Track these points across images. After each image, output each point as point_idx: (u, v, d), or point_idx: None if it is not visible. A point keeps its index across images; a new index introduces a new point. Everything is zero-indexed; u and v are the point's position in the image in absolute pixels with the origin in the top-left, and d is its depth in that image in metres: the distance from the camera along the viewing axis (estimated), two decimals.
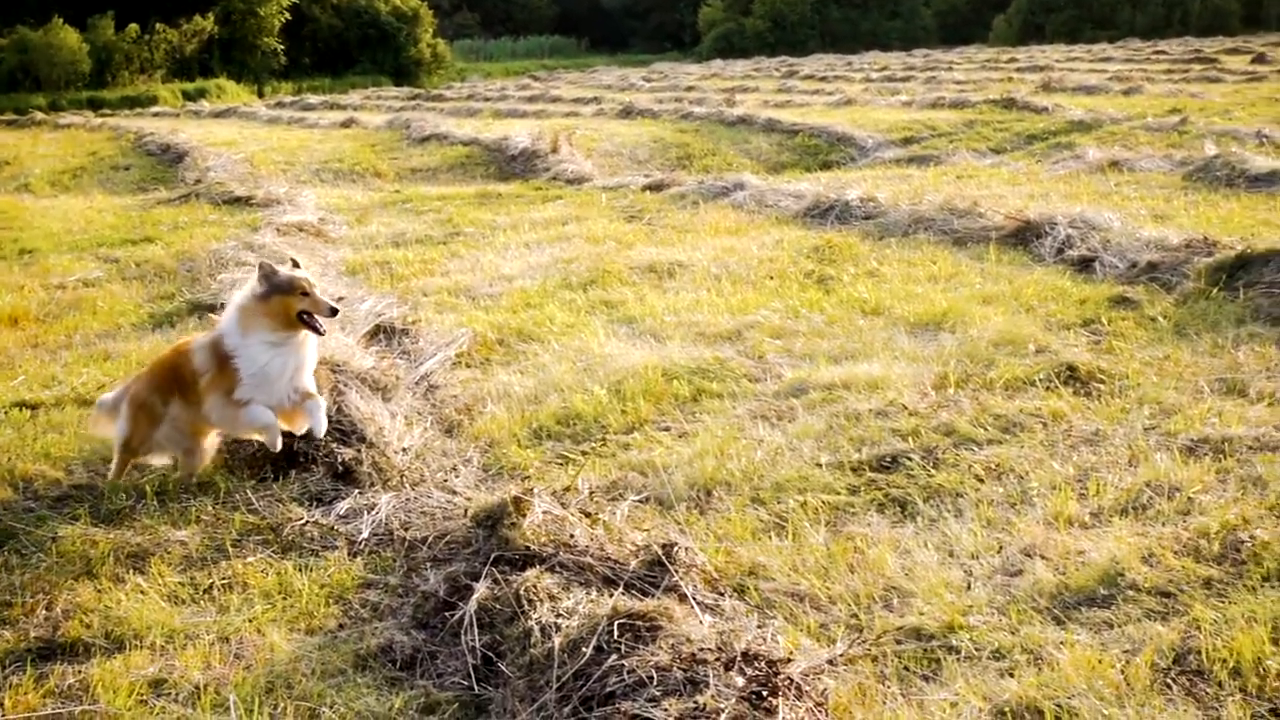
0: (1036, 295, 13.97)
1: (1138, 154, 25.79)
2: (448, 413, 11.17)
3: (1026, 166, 26.43)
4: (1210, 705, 6.09)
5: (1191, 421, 9.83)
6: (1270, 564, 7.38)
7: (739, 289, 15.18)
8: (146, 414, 9.36)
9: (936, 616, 7.07)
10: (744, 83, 59.28)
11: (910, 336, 12.65)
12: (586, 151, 32.32)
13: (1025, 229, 17.21)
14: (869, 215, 19.75)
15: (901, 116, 37.42)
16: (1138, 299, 13.50)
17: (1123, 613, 7.04)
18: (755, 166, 30.55)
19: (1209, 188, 21.31)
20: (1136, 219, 17.54)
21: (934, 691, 6.35)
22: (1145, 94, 40.23)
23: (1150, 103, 36.94)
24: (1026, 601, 7.22)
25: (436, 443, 10.36)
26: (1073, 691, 6.18)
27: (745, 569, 7.79)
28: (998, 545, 7.97)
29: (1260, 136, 27.14)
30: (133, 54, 78.53)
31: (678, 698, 5.71)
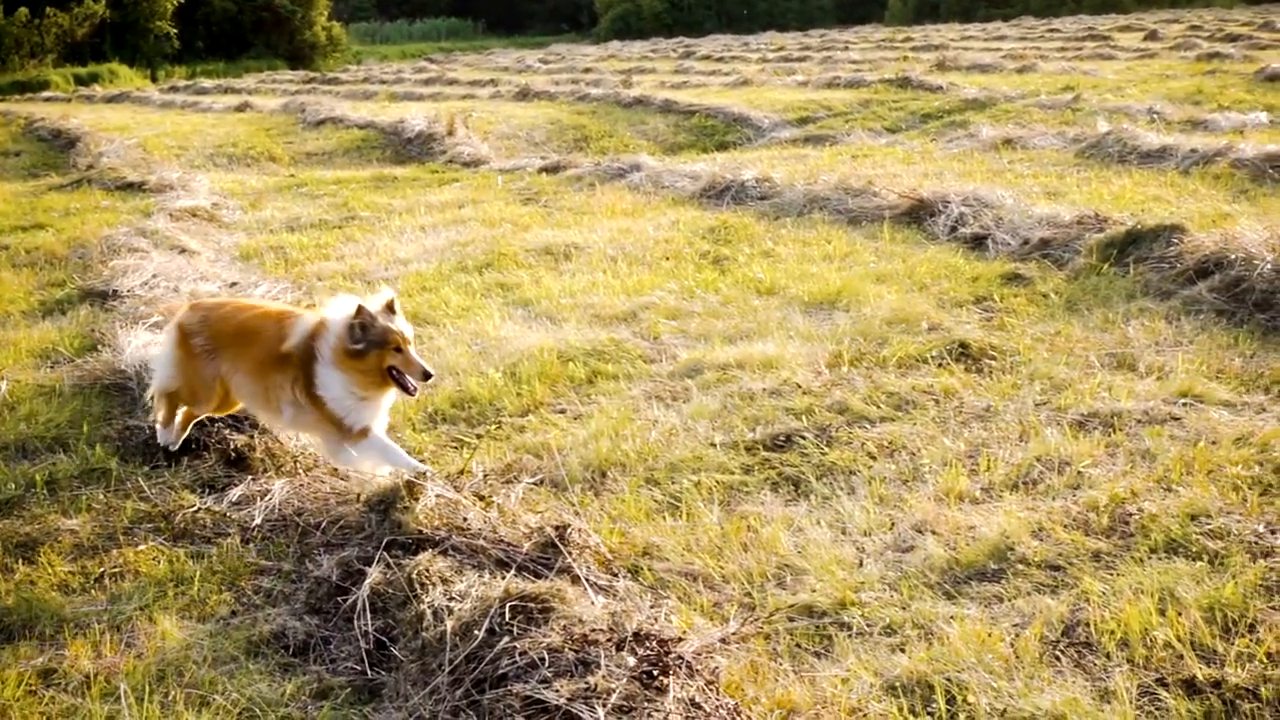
0: (930, 273, 14.07)
1: (1031, 131, 25.98)
2: None
3: (921, 145, 26.56)
4: (1098, 676, 6.16)
5: (1082, 396, 9.94)
6: (1158, 536, 7.47)
7: (635, 270, 15.19)
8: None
9: (829, 593, 7.11)
10: (641, 64, 59.29)
11: (805, 316, 12.71)
12: (483, 134, 32.23)
13: (919, 207, 17.32)
14: (765, 195, 19.81)
15: (798, 96, 37.50)
16: (1030, 276, 13.63)
17: (1013, 586, 7.12)
18: (652, 148, 30.57)
19: (1101, 164, 21.50)
20: (1029, 196, 17.69)
21: (826, 668, 6.40)
22: (1039, 72, 40.51)
23: (1044, 80, 37.18)
24: (918, 577, 7.28)
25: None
26: (963, 665, 6.24)
27: (639, 549, 7.81)
28: (890, 522, 8.03)
29: (1152, 113, 27.42)
30: (23, 38, 77.33)
31: (569, 678, 5.72)
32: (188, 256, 16.63)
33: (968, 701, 5.96)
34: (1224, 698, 5.87)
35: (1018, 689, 6.02)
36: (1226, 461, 8.45)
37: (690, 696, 5.65)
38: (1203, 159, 20.20)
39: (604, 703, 5.51)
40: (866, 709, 5.98)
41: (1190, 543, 7.40)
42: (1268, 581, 6.92)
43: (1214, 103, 29.22)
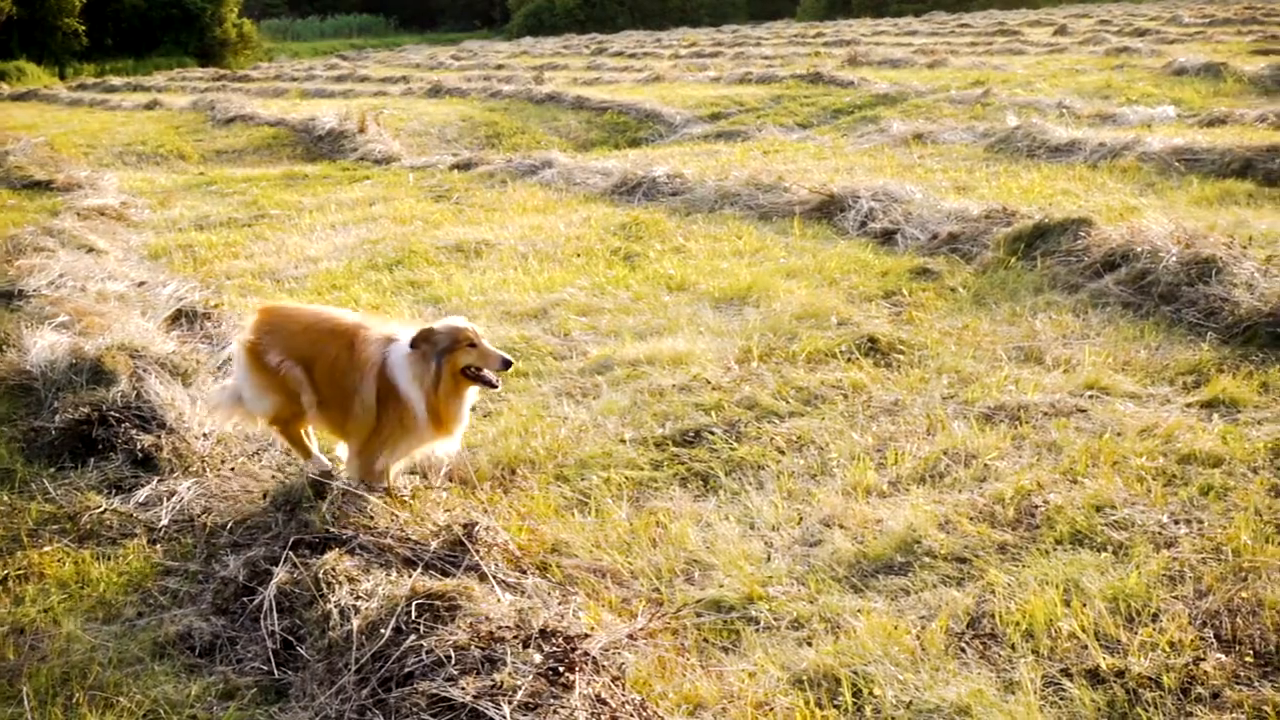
0: (839, 268, 14.12)
1: (942, 126, 26.13)
2: None
3: (832, 141, 26.66)
4: (1003, 667, 6.21)
5: (989, 389, 10.01)
6: (1063, 527, 7.54)
7: (546, 267, 15.17)
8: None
9: (737, 588, 7.14)
10: (554, 60, 59.19)
11: (715, 311, 12.74)
12: (394, 131, 32.09)
13: (829, 203, 17.39)
14: (676, 192, 19.85)
15: (710, 92, 37.53)
16: (938, 270, 13.70)
17: (919, 579, 7.16)
18: (564, 144, 30.56)
19: (1010, 158, 21.66)
20: (939, 191, 17.79)
21: (733, 662, 6.42)
22: (950, 67, 40.67)
23: (954, 75, 37.33)
24: (825, 571, 7.31)
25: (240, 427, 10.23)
26: (869, 658, 6.27)
27: (549, 546, 7.81)
28: (798, 516, 8.06)
29: (1061, 107, 27.59)
30: None
31: (475, 676, 5.72)
32: (95, 255, 16.49)
33: (874, 694, 5.99)
34: (1127, 687, 5.93)
35: (923, 681, 6.05)
36: (1131, 453, 8.53)
37: (596, 692, 5.65)
38: (1111, 153, 20.38)
39: (510, 700, 5.51)
40: (773, 703, 6.00)
41: (1095, 534, 7.47)
42: (1171, 571, 6.99)
43: (1122, 97, 29.45)
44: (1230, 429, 8.92)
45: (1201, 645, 6.24)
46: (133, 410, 9.69)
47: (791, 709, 5.93)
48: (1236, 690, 5.86)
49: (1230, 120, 24.16)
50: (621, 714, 5.59)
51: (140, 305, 13.42)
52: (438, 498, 8.43)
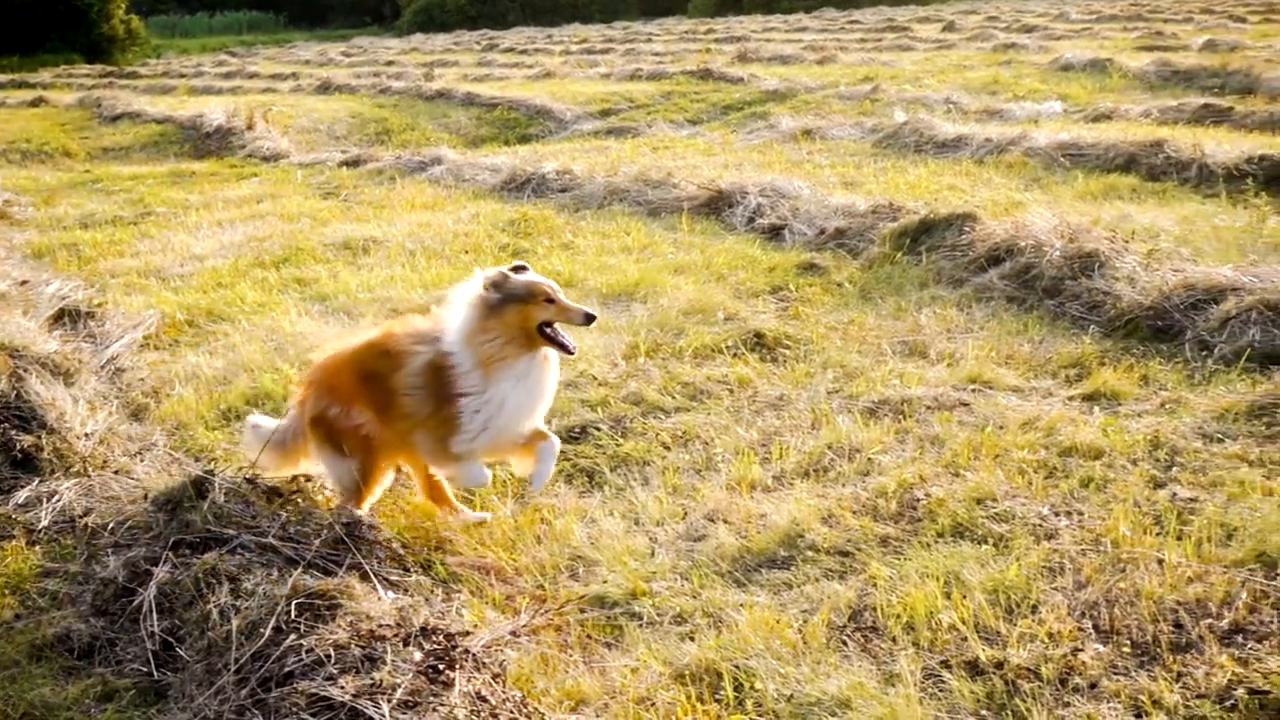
0: (727, 264, 14.15)
1: (830, 122, 26.26)
2: (134, 396, 10.94)
3: (722, 137, 26.68)
4: (884, 660, 6.24)
5: (873, 384, 10.06)
6: (945, 520, 7.59)
7: (434, 264, 15.13)
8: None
9: (620, 584, 7.14)
10: (444, 57, 58.91)
11: (603, 307, 12.71)
12: (283, 128, 31.89)
13: (718, 199, 17.43)
14: (565, 188, 19.86)
15: (600, 89, 37.55)
16: (825, 265, 13.76)
17: (802, 573, 7.18)
18: (454, 141, 30.48)
19: (898, 154, 21.82)
20: (826, 186, 17.87)
21: (616, 658, 6.41)
22: (839, 63, 40.84)
23: (844, 71, 37.50)
24: (709, 566, 7.32)
25: (122, 427, 10.12)
26: (751, 652, 6.28)
27: (433, 544, 7.78)
28: (682, 511, 8.08)
29: (949, 103, 27.81)
30: None
31: (355, 675, 5.68)
32: None
33: (755, 688, 6.00)
34: (1006, 678, 5.97)
35: (804, 675, 6.07)
36: (1013, 446, 8.60)
37: (476, 690, 5.63)
38: (997, 148, 20.54)
39: (389, 698, 5.48)
40: (655, 698, 6.00)
41: (976, 526, 7.52)
42: (1050, 563, 7.05)
43: (1010, 93, 29.68)
44: (1111, 421, 9.01)
45: (1080, 636, 6.29)
46: (12, 410, 9.54)
47: (673, 704, 5.93)
48: (1114, 680, 5.90)
49: (1116, 116, 24.41)
50: (502, 711, 5.57)
51: (22, 304, 13.25)
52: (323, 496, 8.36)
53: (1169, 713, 5.61)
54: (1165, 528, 7.33)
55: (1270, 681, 5.74)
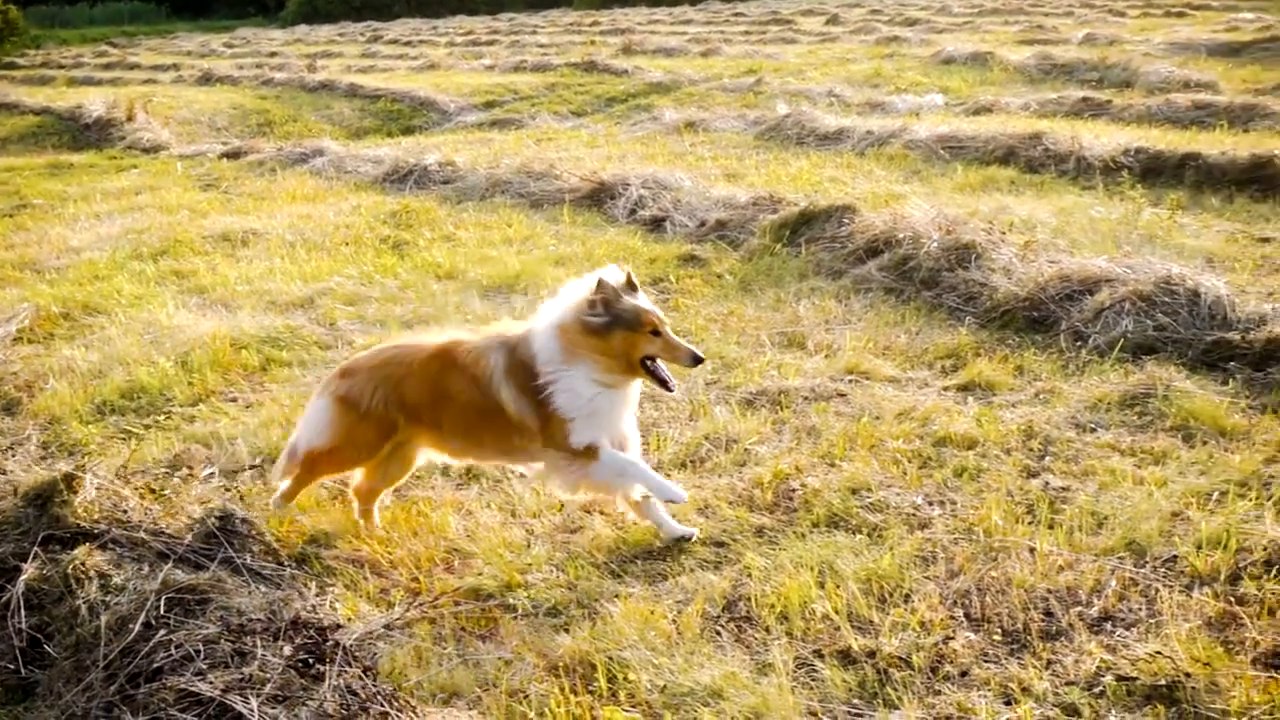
0: (608, 255, 14.13)
1: (714, 114, 26.31)
2: (6, 390, 10.79)
3: (605, 129, 26.71)
4: (758, 650, 6.25)
5: (751, 375, 10.10)
6: (820, 510, 7.63)
7: (314, 256, 15.05)
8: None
9: (496, 576, 7.11)
10: (328, 48, 58.54)
11: (483, 299, 12.71)
12: (164, 119, 31.59)
13: (600, 190, 17.44)
14: (448, 180, 19.81)
15: (485, 80, 37.45)
16: (706, 257, 13.81)
17: (677, 564, 7.20)
18: (337, 132, 30.30)
19: (780, 146, 21.91)
20: (708, 178, 17.94)
21: (490, 650, 6.38)
22: (723, 55, 40.93)
23: (728, 64, 37.59)
24: (585, 557, 7.32)
25: None
26: (625, 643, 6.28)
27: (308, 537, 7.72)
28: (559, 504, 8.05)
29: (832, 95, 27.96)
30: None
31: (225, 669, 5.64)
32: None
33: (628, 679, 6.00)
34: (878, 667, 6.00)
35: (678, 665, 6.07)
36: (889, 436, 8.66)
37: (347, 683, 5.60)
38: (878, 140, 20.71)
39: (258, 693, 5.44)
40: (528, 690, 5.98)
41: (851, 516, 7.57)
42: (923, 552, 7.11)
43: (892, 85, 29.88)
44: (985, 411, 9.09)
45: (951, 624, 6.35)
46: None
47: (546, 696, 5.91)
48: (984, 668, 5.95)
49: (996, 108, 24.67)
50: (372, 704, 5.54)
51: None
52: (197, 491, 8.29)
53: (1038, 700, 5.66)
54: (1037, 517, 7.41)
55: (1138, 668, 5.82)
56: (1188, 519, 7.29)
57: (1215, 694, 5.61)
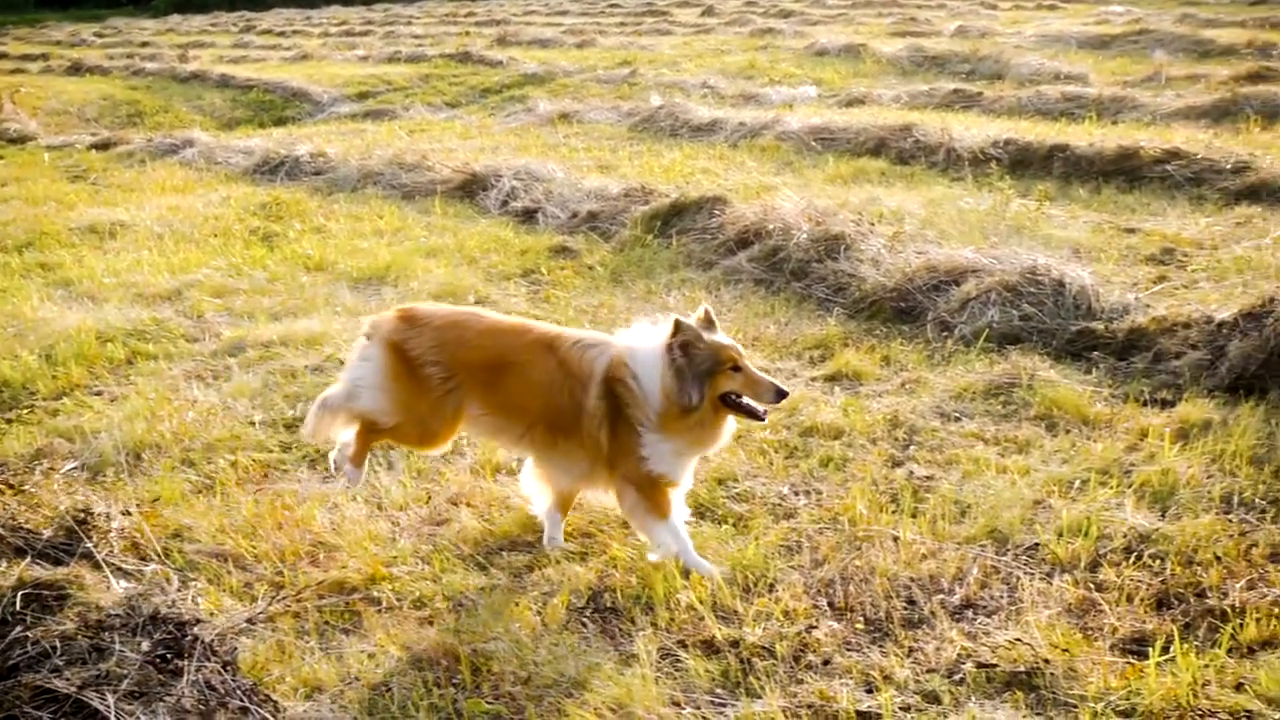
0: (479, 247, 14.14)
1: (588, 106, 26.30)
2: None
3: (479, 120, 26.65)
4: (622, 641, 6.26)
5: None
6: (687, 501, 7.61)
7: (182, 248, 14.91)
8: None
9: (361, 569, 7.07)
10: (200, 38, 57.98)
11: (353, 291, 12.66)
12: (31, 110, 31.22)
13: (472, 182, 17.42)
14: (319, 171, 19.73)
15: (358, 71, 37.28)
16: (577, 248, 13.81)
17: (544, 556, 7.20)
18: (208, 123, 30.04)
19: (654, 138, 21.95)
20: (581, 170, 17.93)
21: (353, 644, 6.35)
22: (598, 47, 40.91)
23: (603, 56, 37.57)
24: (450, 550, 7.29)
25: None
26: (489, 636, 6.27)
27: (171, 532, 7.63)
28: (426, 496, 8.05)
29: (705, 87, 28.00)
30: None
31: (82, 666, 5.55)
32: None
33: (492, 672, 5.99)
34: (741, 656, 6.03)
35: (542, 657, 6.07)
36: (755, 427, 8.66)
37: (206, 679, 5.54)
38: (751, 132, 20.78)
39: (115, 689, 5.36)
40: (391, 684, 5.95)
41: (718, 507, 7.63)
42: (789, 542, 7.15)
43: (766, 77, 29.97)
44: (852, 401, 9.16)
45: (815, 613, 6.39)
46: None
47: (409, 689, 5.89)
48: (847, 657, 5.99)
49: (869, 100, 24.83)
50: (231, 699, 5.48)
51: None
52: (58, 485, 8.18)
53: (899, 688, 5.71)
54: (901, 506, 7.48)
55: (998, 655, 5.88)
56: (1049, 507, 7.39)
57: (1073, 680, 5.69)
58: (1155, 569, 6.64)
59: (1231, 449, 7.94)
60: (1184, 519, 7.14)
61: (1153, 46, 30.94)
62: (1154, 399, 9.00)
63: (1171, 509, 7.31)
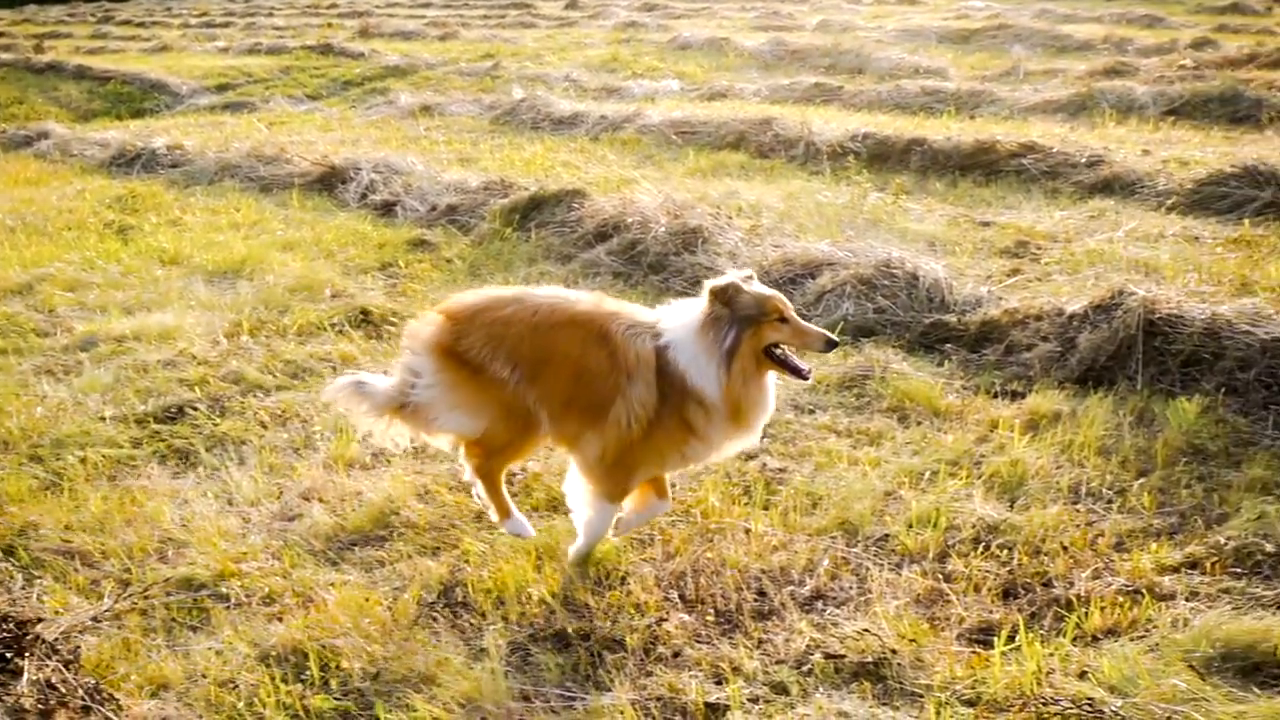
0: (337, 240, 14.05)
1: (450, 98, 26.19)
2: None
3: (340, 112, 26.46)
4: (472, 635, 6.25)
5: None
6: (540, 495, 7.70)
7: (34, 241, 14.70)
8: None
9: (210, 566, 7.01)
10: (57, 28, 57.21)
11: (208, 285, 12.53)
12: None
13: (331, 174, 17.32)
14: (176, 163, 19.52)
15: (218, 63, 36.88)
16: (436, 242, 13.77)
17: (395, 550, 7.17)
18: (64, 115, 29.54)
19: (515, 131, 21.90)
20: (442, 163, 17.85)
21: (201, 641, 6.30)
22: (461, 39, 40.79)
23: (465, 48, 37.44)
24: (302, 545, 7.24)
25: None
26: (339, 631, 6.24)
27: (16, 529, 7.52)
28: (278, 491, 7.99)
29: (568, 80, 27.99)
30: None
31: None
32: None
33: (341, 667, 5.95)
34: (591, 649, 6.04)
35: (392, 652, 6.05)
36: None
37: (46, 678, 5.47)
38: (612, 125, 20.82)
39: None
40: (238, 680, 5.91)
41: None
42: (642, 534, 7.16)
43: (629, 70, 29.99)
44: None
45: (666, 606, 6.40)
46: None
47: (257, 685, 5.85)
48: (697, 649, 6.02)
49: (730, 94, 24.92)
50: (72, 699, 5.42)
51: None
52: None
53: (748, 679, 5.74)
54: (753, 498, 7.52)
55: (846, 646, 5.93)
56: (900, 499, 7.46)
57: (920, 670, 5.76)
58: (1003, 559, 6.73)
59: (1080, 440, 8.05)
60: (1032, 509, 7.24)
61: (1011, 41, 31.33)
62: (1005, 391, 9.10)
63: (1020, 500, 7.41)
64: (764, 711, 5.53)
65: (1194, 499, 7.28)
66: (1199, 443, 7.92)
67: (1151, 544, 6.77)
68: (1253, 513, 6.98)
